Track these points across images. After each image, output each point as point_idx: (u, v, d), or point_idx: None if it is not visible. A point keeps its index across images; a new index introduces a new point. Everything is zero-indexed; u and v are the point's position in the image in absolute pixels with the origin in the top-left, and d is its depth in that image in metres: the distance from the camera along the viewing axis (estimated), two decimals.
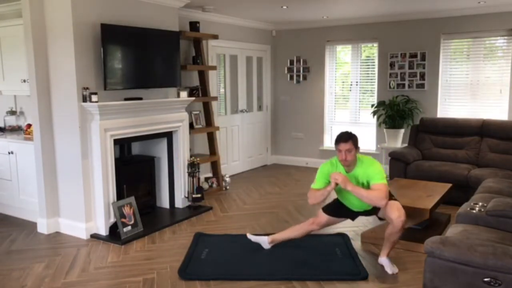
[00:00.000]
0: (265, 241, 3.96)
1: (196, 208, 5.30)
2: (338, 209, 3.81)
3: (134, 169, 5.04)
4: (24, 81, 4.88)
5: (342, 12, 6.49)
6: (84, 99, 4.27)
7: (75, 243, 4.31)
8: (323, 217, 3.79)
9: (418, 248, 3.91)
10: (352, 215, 3.83)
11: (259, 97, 7.87)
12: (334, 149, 3.63)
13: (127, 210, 4.50)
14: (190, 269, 3.64)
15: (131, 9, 4.73)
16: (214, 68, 6.29)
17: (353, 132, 3.62)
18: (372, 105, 6.89)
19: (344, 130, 3.71)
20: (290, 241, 3.97)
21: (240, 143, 7.44)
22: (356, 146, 3.52)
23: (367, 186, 3.53)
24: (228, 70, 7.10)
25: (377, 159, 7.03)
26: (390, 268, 3.58)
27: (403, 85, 6.83)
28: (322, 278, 3.47)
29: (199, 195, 5.32)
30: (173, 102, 5.15)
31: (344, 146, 3.46)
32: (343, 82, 7.59)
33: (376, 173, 3.48)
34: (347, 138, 3.49)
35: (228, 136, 7.16)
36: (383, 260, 3.65)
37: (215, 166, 6.34)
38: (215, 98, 6.40)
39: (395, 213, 3.45)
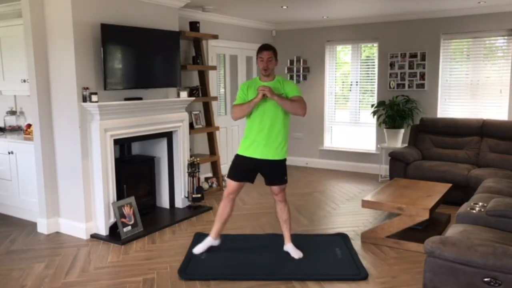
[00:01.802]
0: (209, 240, 3.97)
1: (196, 208, 5.30)
2: (239, 170, 3.83)
3: (134, 169, 5.05)
4: (24, 81, 4.87)
5: (342, 12, 6.50)
6: (84, 99, 4.27)
7: (75, 243, 4.31)
8: (230, 183, 3.85)
9: (418, 248, 3.91)
10: (252, 173, 3.83)
11: None
12: (334, 149, 3.63)
13: (127, 210, 4.50)
14: (190, 269, 3.64)
15: (131, 9, 4.73)
16: (214, 68, 6.29)
17: (353, 132, 3.65)
18: (372, 105, 6.89)
19: (343, 129, 3.74)
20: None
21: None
22: (275, 57, 3.72)
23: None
24: (228, 70, 7.10)
25: (377, 159, 7.12)
26: (296, 253, 3.84)
27: (403, 85, 6.83)
28: (322, 278, 3.47)
29: (199, 195, 5.33)
30: (173, 102, 5.15)
31: (266, 54, 3.67)
32: (343, 82, 7.58)
33: (294, 88, 3.74)
34: (268, 47, 3.71)
35: (228, 136, 7.15)
36: (288, 247, 3.89)
37: (215, 166, 6.34)
38: (215, 98, 6.40)
39: (277, 190, 3.82)
